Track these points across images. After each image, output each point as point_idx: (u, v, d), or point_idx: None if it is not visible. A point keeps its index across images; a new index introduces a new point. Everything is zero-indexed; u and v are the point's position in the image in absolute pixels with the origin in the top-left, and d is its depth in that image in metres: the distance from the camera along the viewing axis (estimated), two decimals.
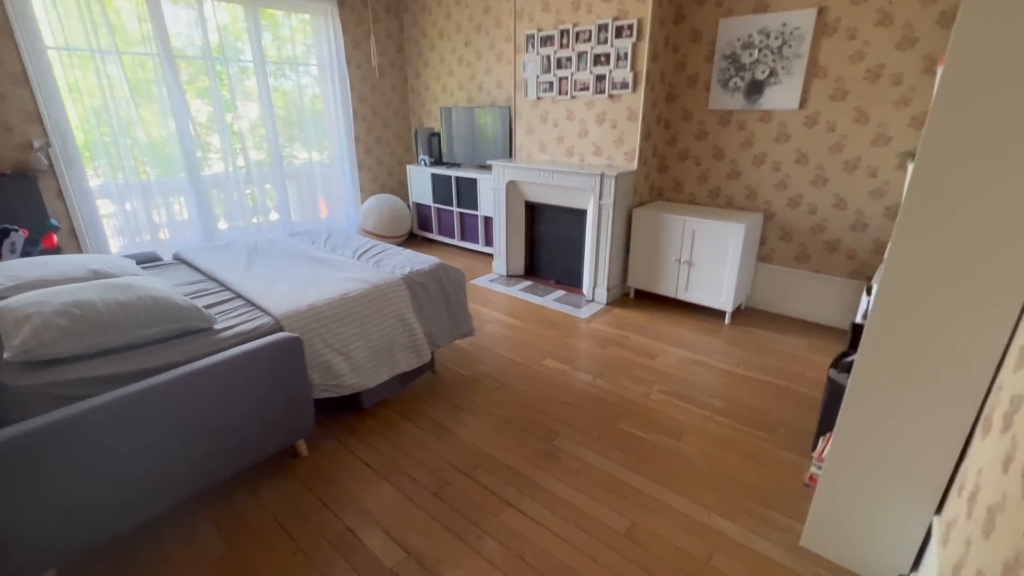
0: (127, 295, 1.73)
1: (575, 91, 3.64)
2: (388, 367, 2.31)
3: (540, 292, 3.92)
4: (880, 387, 1.38)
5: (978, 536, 0.99)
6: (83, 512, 1.42)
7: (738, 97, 3.27)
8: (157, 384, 1.53)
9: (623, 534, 1.70)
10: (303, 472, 1.98)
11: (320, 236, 3.15)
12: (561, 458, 2.07)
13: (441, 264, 2.62)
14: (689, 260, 3.36)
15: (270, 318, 1.98)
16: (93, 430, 1.40)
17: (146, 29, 3.59)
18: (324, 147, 4.93)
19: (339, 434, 2.21)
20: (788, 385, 2.62)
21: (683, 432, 2.24)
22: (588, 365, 2.82)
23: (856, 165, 2.97)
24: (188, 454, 1.63)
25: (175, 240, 4.08)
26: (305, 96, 4.70)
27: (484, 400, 2.48)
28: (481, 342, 3.08)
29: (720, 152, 3.47)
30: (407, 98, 5.51)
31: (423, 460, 2.06)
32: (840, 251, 3.16)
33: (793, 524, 1.74)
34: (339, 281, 2.33)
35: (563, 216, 3.91)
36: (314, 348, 2.02)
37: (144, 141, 3.74)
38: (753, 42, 3.12)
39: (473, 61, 4.73)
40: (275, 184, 4.60)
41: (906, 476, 1.40)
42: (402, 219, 5.12)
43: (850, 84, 2.88)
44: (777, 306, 3.50)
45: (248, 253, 2.76)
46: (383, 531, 1.71)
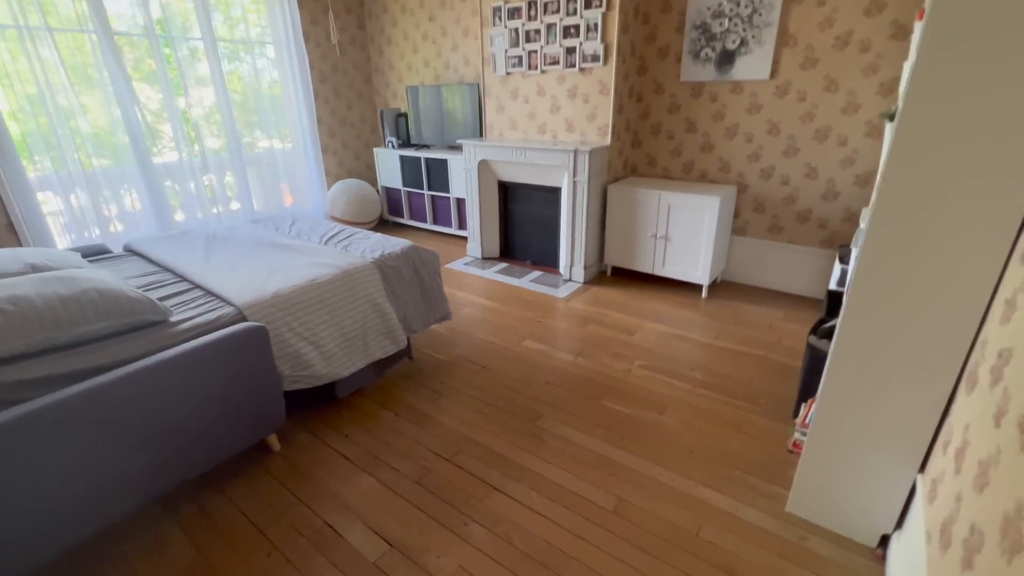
0: (69, 288, 1.58)
1: (545, 65, 3.54)
2: (362, 355, 2.22)
3: (517, 273, 3.86)
4: (863, 349, 1.36)
5: (969, 491, 0.98)
6: (23, 527, 1.30)
7: (709, 68, 3.23)
8: (106, 383, 1.40)
9: (611, 511, 1.67)
10: (276, 468, 1.89)
11: (284, 222, 2.99)
12: (545, 438, 2.03)
13: (413, 246, 2.52)
14: (665, 235, 3.34)
15: (232, 308, 1.85)
16: (33, 437, 1.28)
17: (80, 8, 3.31)
18: (285, 133, 4.70)
19: (313, 426, 2.12)
20: (766, 355, 2.63)
21: (666, 406, 2.22)
22: (568, 344, 2.78)
23: (827, 134, 2.98)
24: (146, 456, 1.51)
25: (128, 233, 3.85)
26: (262, 80, 4.45)
27: (464, 384, 2.41)
28: (459, 326, 3.01)
29: (693, 125, 3.44)
30: (371, 78, 5.30)
31: (403, 448, 1.98)
32: (812, 221, 3.18)
33: (779, 491, 1.74)
34: (306, 267, 2.21)
35: (537, 195, 3.83)
36: (281, 338, 1.91)
37: (87, 130, 3.48)
38: (723, 11, 3.07)
39: (438, 37, 4.56)
40: (235, 172, 4.37)
41: (889, 436, 1.40)
42: (371, 204, 4.96)
43: (819, 52, 2.87)
44: (752, 278, 3.52)
45: (206, 242, 2.60)
46: (364, 524, 1.64)
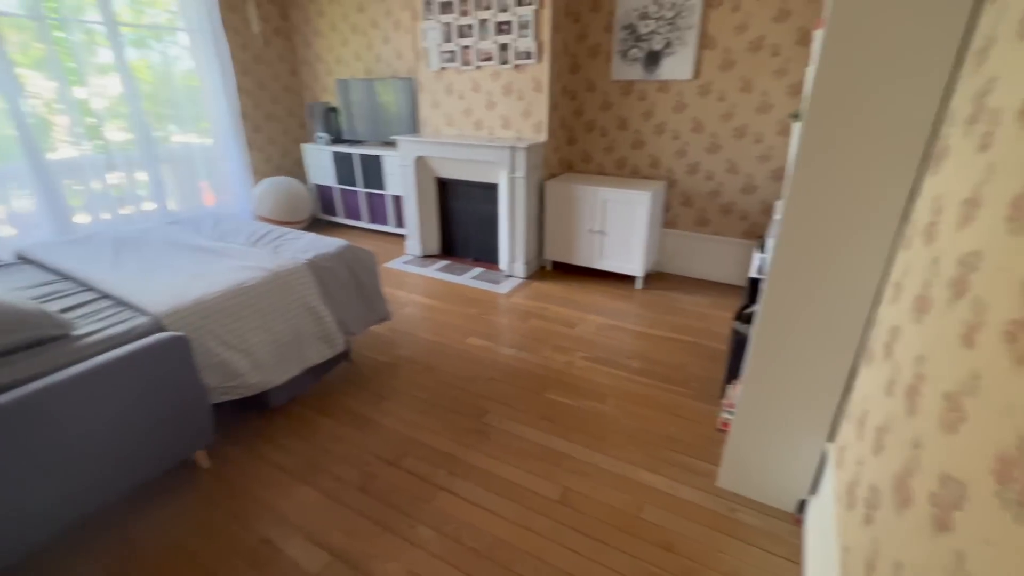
0: None
1: (479, 61, 3.53)
2: (297, 361, 2.12)
3: (458, 271, 3.83)
4: (778, 331, 1.48)
5: (869, 455, 1.10)
6: None
7: (637, 67, 3.36)
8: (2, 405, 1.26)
9: (557, 500, 1.72)
10: (205, 486, 1.77)
11: (206, 223, 2.80)
12: (490, 434, 2.04)
13: (349, 246, 2.44)
14: (602, 230, 3.44)
15: (147, 317, 1.71)
16: None
17: None
18: (204, 127, 4.38)
19: (246, 439, 2.00)
20: (696, 341, 2.79)
21: (606, 395, 2.30)
22: (511, 339, 2.81)
23: (744, 132, 3.19)
24: (52, 484, 1.37)
25: (23, 238, 3.44)
26: (176, 69, 4.12)
27: (407, 385, 2.37)
28: (400, 326, 2.95)
29: (624, 122, 3.57)
30: (298, 70, 5.05)
31: (345, 455, 1.92)
32: (734, 213, 3.40)
33: (710, 468, 1.85)
34: (232, 271, 2.08)
35: (476, 191, 3.83)
36: (206, 347, 1.79)
37: None
38: (649, 12, 3.20)
39: (368, 29, 4.42)
40: (147, 169, 4.02)
41: (802, 409, 1.53)
42: (302, 202, 4.74)
43: (736, 54, 3.06)
44: (682, 268, 3.72)
45: (115, 245, 2.38)
46: (304, 536, 1.57)
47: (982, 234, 0.77)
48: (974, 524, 0.61)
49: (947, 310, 0.84)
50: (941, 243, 0.94)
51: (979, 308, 0.73)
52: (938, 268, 0.92)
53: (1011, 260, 0.66)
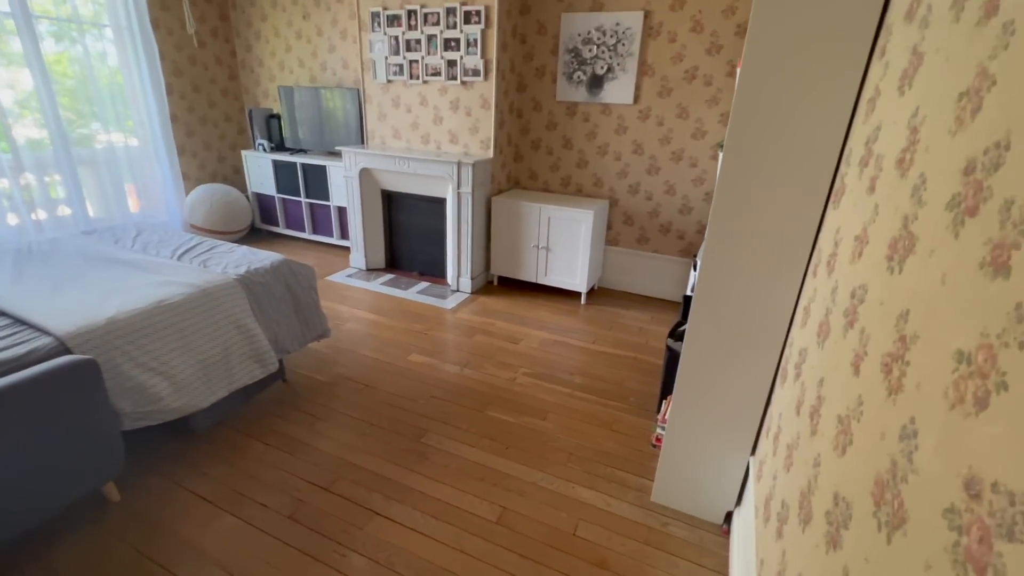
0: None
1: (427, 75, 3.53)
2: (225, 382, 2.01)
3: (403, 285, 3.78)
4: (705, 349, 1.55)
5: (781, 471, 1.17)
6: None
7: (582, 90, 3.47)
8: None
9: (494, 521, 1.71)
10: (114, 521, 1.63)
11: (127, 234, 2.62)
12: (429, 455, 2.01)
13: (285, 260, 2.35)
14: (546, 246, 3.50)
15: (50, 338, 1.57)
16: None
17: None
18: (129, 127, 4.11)
19: (164, 467, 1.87)
20: (636, 356, 2.88)
21: (547, 411, 2.33)
22: (455, 356, 2.79)
23: (681, 156, 3.35)
24: None
25: None
26: (100, 64, 3.85)
27: (344, 405, 2.30)
28: (340, 343, 2.86)
29: (569, 142, 3.66)
30: (237, 74, 4.86)
31: (273, 481, 1.83)
32: (672, 233, 3.55)
33: (645, 483, 1.91)
34: (152, 286, 1.95)
35: (422, 205, 3.80)
36: (119, 370, 1.67)
37: None
38: (592, 38, 3.32)
39: (313, 37, 4.32)
40: (61, 171, 3.71)
41: (727, 425, 1.61)
42: (239, 211, 4.52)
43: (673, 83, 3.22)
44: (624, 284, 3.83)
45: (16, 257, 2.17)
46: (224, 571, 1.48)
47: (868, 269, 0.85)
48: (856, 542, 0.67)
49: (841, 337, 0.91)
50: (838, 274, 1.03)
51: (864, 338, 0.79)
52: (836, 297, 1.00)
53: (888, 295, 0.73)
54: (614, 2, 3.20)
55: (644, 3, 3.12)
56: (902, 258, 0.71)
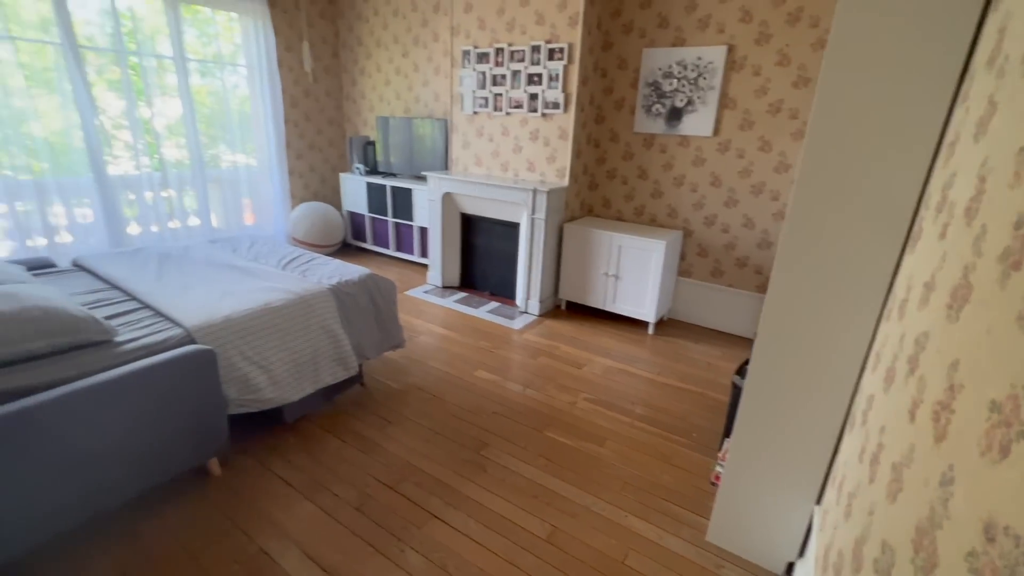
0: (10, 304, 1.58)
1: (510, 108, 3.74)
2: (312, 380, 2.25)
3: (474, 304, 3.95)
4: (768, 389, 1.52)
5: (841, 520, 1.13)
6: None
7: (660, 122, 3.51)
8: (43, 402, 1.40)
9: (544, 539, 1.75)
10: (214, 493, 1.88)
11: (242, 244, 3.01)
12: (488, 467, 2.10)
13: (371, 275, 2.59)
14: (616, 274, 3.53)
15: (181, 329, 1.87)
16: None
17: (46, 13, 3.30)
18: (252, 150, 4.72)
19: (257, 451, 2.11)
20: (703, 391, 2.80)
21: (606, 438, 2.34)
22: (519, 375, 2.88)
23: (761, 189, 3.27)
24: (81, 478, 1.50)
25: (79, 245, 3.75)
26: (232, 96, 4.49)
27: (413, 412, 2.46)
28: (413, 354, 3.06)
29: (644, 172, 3.69)
30: (342, 105, 5.41)
31: (346, 475, 2.01)
32: (749, 267, 3.44)
33: (701, 521, 1.86)
34: (261, 291, 2.24)
35: (497, 229, 3.98)
36: (230, 361, 1.93)
37: (40, 135, 3.42)
38: (673, 72, 3.36)
39: (410, 72, 4.74)
40: (195, 188, 4.34)
41: (791, 470, 1.55)
42: (334, 228, 4.99)
43: (756, 116, 3.17)
44: (695, 317, 3.74)
45: (159, 260, 2.59)
46: (300, 550, 1.65)
47: (931, 317, 0.84)
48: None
49: (903, 384, 0.90)
50: (907, 320, 1.00)
51: (921, 386, 0.78)
52: (903, 343, 0.98)
53: (945, 344, 0.73)
54: (696, 37, 3.24)
55: (727, 38, 3.13)
56: (959, 307, 0.71)
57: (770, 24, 2.99)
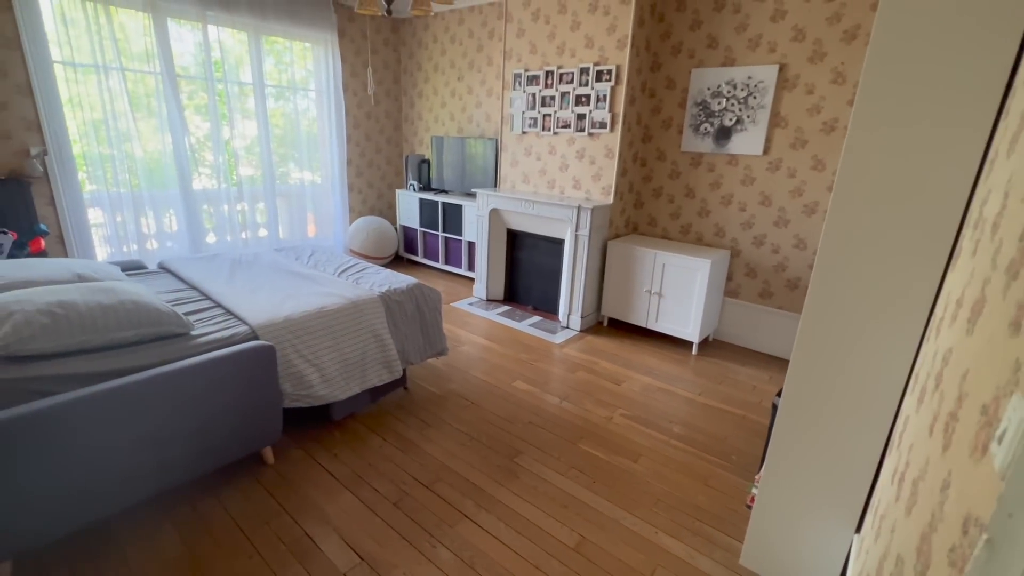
0: (109, 298, 1.81)
1: (557, 128, 3.85)
2: (359, 381, 2.39)
3: (517, 317, 4.03)
4: (805, 412, 1.49)
5: (872, 543, 1.10)
6: (46, 503, 1.47)
7: (708, 141, 3.49)
8: (128, 384, 1.60)
9: (572, 548, 1.77)
10: (267, 478, 2.03)
11: (304, 252, 3.25)
12: (520, 474, 2.14)
13: (418, 284, 2.73)
14: (659, 292, 3.50)
15: (246, 327, 2.06)
16: (63, 425, 1.47)
17: (151, 48, 3.76)
18: (317, 168, 5.09)
19: (306, 444, 2.27)
20: (746, 415, 2.73)
21: (640, 455, 2.32)
22: (556, 388, 2.91)
23: (814, 209, 3.17)
24: (155, 453, 1.68)
25: (163, 251, 4.16)
26: (302, 118, 4.88)
27: (452, 417, 2.55)
28: (455, 362, 3.17)
29: (691, 191, 3.67)
30: (400, 126, 5.73)
31: (386, 472, 2.12)
32: (800, 289, 3.32)
33: (735, 544, 1.82)
34: (317, 295, 2.42)
35: (542, 244, 4.06)
36: (287, 358, 2.10)
37: (139, 154, 3.86)
38: (722, 92, 3.36)
39: (465, 95, 4.97)
40: (266, 201, 4.72)
41: (829, 496, 1.50)
42: (388, 241, 5.25)
43: (808, 134, 3.10)
44: (742, 339, 3.64)
45: (231, 265, 2.85)
46: (340, 537, 1.76)
47: (956, 333, 0.83)
48: None
49: (930, 401, 0.88)
50: (941, 338, 0.98)
51: (941, 400, 0.78)
52: (934, 361, 0.96)
53: (961, 357, 0.73)
54: (747, 57, 3.22)
55: (779, 57, 3.10)
56: (975, 320, 0.71)
57: (825, 42, 2.94)
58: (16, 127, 3.30)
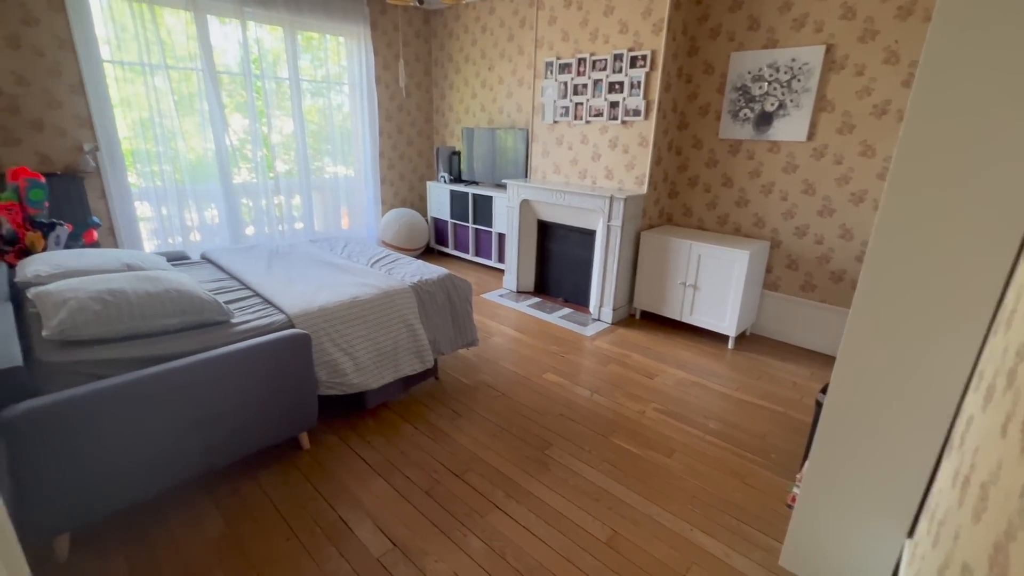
0: (155, 287, 1.88)
1: (590, 116, 3.78)
2: (392, 370, 2.41)
3: (547, 309, 4.00)
4: (853, 409, 1.42)
5: (929, 550, 1.03)
6: (100, 480, 1.54)
7: (747, 127, 3.36)
8: (174, 369, 1.66)
9: (604, 542, 1.75)
10: (303, 463, 2.08)
11: (338, 244, 3.31)
12: (551, 466, 2.13)
13: (449, 275, 2.73)
14: (694, 284, 3.41)
15: (283, 315, 2.11)
16: (114, 406, 1.54)
17: (193, 47, 3.88)
18: (350, 162, 5.16)
19: (340, 431, 2.31)
20: (786, 412, 2.63)
21: (674, 450, 2.27)
22: (587, 381, 2.88)
23: (863, 197, 3.01)
24: (198, 436, 1.74)
25: (204, 243, 4.31)
26: (336, 113, 4.96)
27: (482, 408, 2.55)
28: (485, 353, 3.17)
29: (729, 180, 3.55)
30: (431, 118, 5.75)
31: (418, 460, 2.14)
32: (846, 281, 3.17)
33: (775, 544, 1.75)
34: (351, 285, 2.46)
35: (573, 236, 4.01)
36: (322, 346, 2.14)
37: (183, 150, 4.00)
38: (763, 75, 3.22)
39: (495, 85, 4.94)
40: (302, 195, 4.83)
41: (878, 499, 1.42)
42: (419, 232, 5.29)
43: (857, 118, 2.94)
44: (782, 334, 3.51)
45: (269, 256, 2.92)
46: (373, 523, 1.79)
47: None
48: None
49: (1001, 400, 0.81)
50: (1012, 331, 0.91)
51: (1016, 398, 0.72)
52: (1005, 357, 0.89)
53: None
54: (791, 38, 3.07)
55: (826, 37, 2.94)
56: None
57: (876, 20, 2.77)
58: (70, 124, 3.47)
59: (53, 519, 1.49)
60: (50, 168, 3.43)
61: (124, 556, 1.62)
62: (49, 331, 1.63)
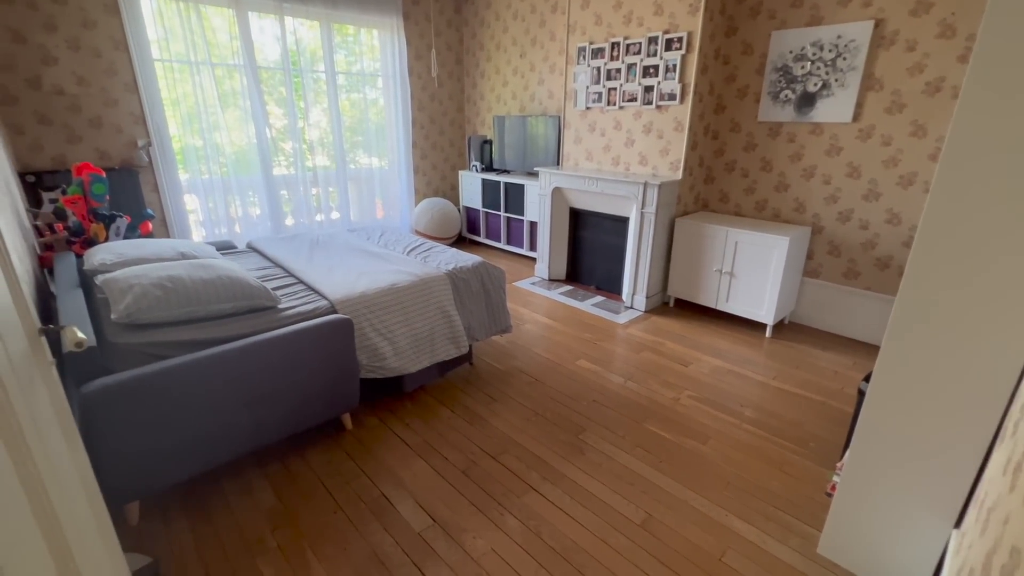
0: (209, 274, 1.99)
1: (623, 102, 3.73)
2: (429, 355, 2.48)
3: (580, 297, 4.01)
4: (899, 396, 1.38)
5: (977, 538, 1.01)
6: (165, 452, 1.66)
7: (788, 109, 3.25)
8: (228, 351, 1.76)
9: (638, 524, 1.77)
10: (347, 443, 2.18)
11: (375, 233, 3.39)
12: (585, 451, 2.16)
13: (483, 262, 2.77)
14: (731, 271, 3.35)
15: (326, 302, 2.20)
16: (175, 385, 1.65)
17: (236, 44, 4.02)
18: (384, 153, 5.26)
19: (381, 413, 2.40)
20: (826, 401, 2.57)
21: (709, 437, 2.26)
22: (620, 368, 2.89)
23: (912, 180, 2.88)
24: (249, 414, 1.85)
25: (247, 233, 4.50)
26: (371, 106, 5.05)
27: (516, 393, 2.60)
28: (518, 340, 3.21)
29: (768, 164, 3.45)
30: (463, 107, 5.78)
31: (455, 442, 2.20)
32: (892, 268, 3.05)
33: (813, 532, 1.74)
34: (389, 273, 2.53)
35: (606, 223, 3.99)
36: (363, 331, 2.23)
37: (227, 144, 4.17)
38: (806, 54, 3.10)
39: (527, 72, 4.92)
40: (338, 186, 4.96)
41: (923, 489, 1.39)
42: (452, 221, 5.35)
43: (908, 97, 2.80)
44: (823, 322, 3.41)
45: (310, 245, 3.03)
46: (414, 500, 1.86)
47: None
48: None
49: None
50: None
51: None
52: None
53: None
54: (837, 14, 2.95)
55: (875, 12, 2.81)
56: None
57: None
58: (126, 121, 3.67)
59: (125, 487, 1.62)
60: (108, 163, 3.63)
61: (187, 522, 1.75)
62: (117, 315, 1.76)
